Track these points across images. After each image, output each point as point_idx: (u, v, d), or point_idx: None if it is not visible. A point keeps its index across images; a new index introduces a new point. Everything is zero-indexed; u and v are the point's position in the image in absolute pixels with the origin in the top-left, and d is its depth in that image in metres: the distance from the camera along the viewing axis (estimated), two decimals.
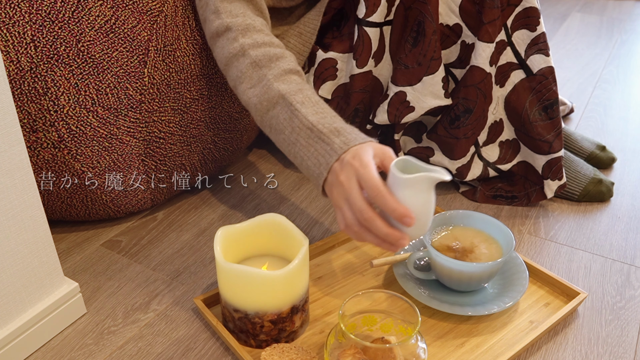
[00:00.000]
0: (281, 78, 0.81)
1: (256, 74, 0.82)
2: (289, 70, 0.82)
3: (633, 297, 0.87)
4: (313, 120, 0.76)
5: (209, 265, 0.93)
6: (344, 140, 0.73)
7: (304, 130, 0.76)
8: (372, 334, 0.73)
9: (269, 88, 0.80)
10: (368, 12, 0.95)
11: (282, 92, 0.79)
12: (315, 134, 0.75)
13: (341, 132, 0.74)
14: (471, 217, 0.86)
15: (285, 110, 0.78)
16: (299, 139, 0.77)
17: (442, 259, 0.78)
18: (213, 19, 0.86)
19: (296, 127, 0.77)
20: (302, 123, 0.76)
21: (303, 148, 0.76)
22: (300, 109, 0.77)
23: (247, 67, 0.82)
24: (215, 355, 0.78)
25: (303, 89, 0.80)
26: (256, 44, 0.83)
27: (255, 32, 0.84)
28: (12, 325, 0.75)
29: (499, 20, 0.94)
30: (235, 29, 0.84)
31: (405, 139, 1.09)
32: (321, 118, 0.76)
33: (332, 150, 0.73)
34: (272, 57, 0.82)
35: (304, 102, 0.78)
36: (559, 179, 1.02)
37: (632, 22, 1.94)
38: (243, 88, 0.83)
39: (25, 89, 0.83)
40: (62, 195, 0.92)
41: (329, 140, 0.74)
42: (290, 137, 0.78)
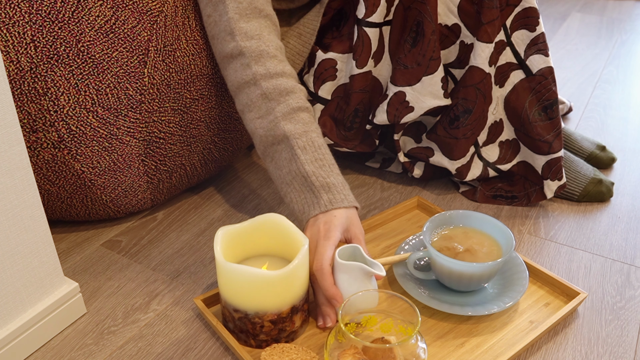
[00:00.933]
0: (289, 117, 0.84)
1: (265, 105, 0.85)
2: (297, 108, 0.85)
3: (633, 297, 0.87)
4: (309, 170, 0.81)
5: (209, 265, 0.93)
6: (330, 199, 0.80)
7: (299, 177, 0.82)
8: (372, 334, 0.73)
9: (275, 125, 0.84)
10: (368, 12, 0.95)
11: (286, 133, 0.83)
12: (308, 184, 0.81)
13: (331, 189, 0.81)
14: (471, 217, 0.86)
15: (287, 151, 0.83)
16: (293, 183, 0.83)
17: (442, 259, 0.78)
18: (228, 40, 0.86)
19: (293, 171, 0.83)
20: (299, 170, 0.82)
21: (295, 192, 0.83)
22: (300, 156, 0.82)
23: (257, 98, 0.85)
24: (215, 355, 0.78)
25: (308, 131, 0.84)
26: (268, 74, 0.85)
27: (268, 60, 0.86)
28: (12, 325, 0.75)
29: (498, 21, 0.94)
30: (249, 55, 0.85)
31: (405, 139, 1.09)
32: (317, 168, 0.82)
33: (317, 205, 0.80)
34: (283, 91, 0.85)
35: (305, 148, 0.83)
36: (558, 179, 1.02)
37: (632, 22, 1.94)
38: (251, 117, 0.86)
39: (25, 89, 0.83)
40: (62, 195, 0.92)
41: (318, 194, 0.81)
42: (287, 177, 0.84)
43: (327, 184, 0.81)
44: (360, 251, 0.78)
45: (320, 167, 0.82)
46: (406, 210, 1.03)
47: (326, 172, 0.82)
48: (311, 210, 0.80)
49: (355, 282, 0.76)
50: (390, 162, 1.15)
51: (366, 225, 0.97)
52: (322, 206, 0.80)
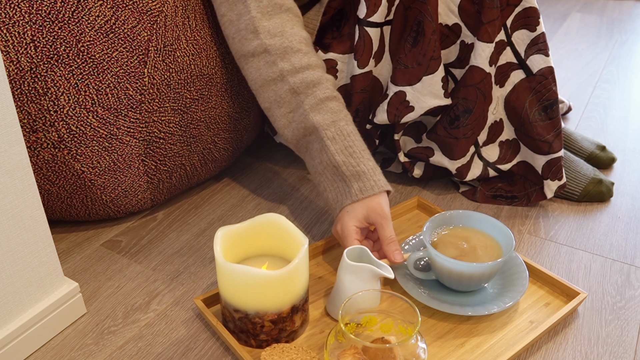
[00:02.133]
0: (317, 108, 0.86)
1: (295, 100, 0.87)
2: (325, 98, 0.87)
3: (633, 297, 0.87)
4: (339, 160, 0.84)
5: (209, 265, 0.93)
6: (360, 188, 0.83)
7: (330, 167, 0.85)
8: (372, 334, 0.73)
9: (305, 117, 0.86)
10: (369, 12, 0.95)
11: (315, 124, 0.86)
12: (339, 173, 0.85)
13: (361, 177, 0.83)
14: (471, 217, 0.86)
15: (317, 142, 0.86)
16: (325, 172, 0.86)
17: (442, 259, 0.78)
18: (251, 39, 0.87)
19: (324, 161, 0.86)
20: (330, 160, 0.85)
21: (328, 181, 0.86)
22: (330, 147, 0.85)
23: (286, 93, 0.88)
24: (215, 355, 0.78)
25: (336, 121, 0.86)
26: (294, 69, 0.87)
27: (293, 55, 0.87)
28: (12, 325, 0.75)
29: (499, 20, 0.94)
30: (274, 52, 0.87)
31: (405, 139, 1.09)
32: (347, 157, 0.84)
33: (348, 194, 0.84)
34: (310, 83, 0.87)
35: (335, 138, 0.85)
36: (558, 179, 1.01)
37: (632, 22, 1.94)
38: (282, 112, 0.89)
39: (25, 89, 0.83)
40: (62, 195, 0.92)
41: (349, 183, 0.84)
42: (319, 167, 0.87)
43: (357, 173, 0.83)
44: (367, 253, 0.79)
45: (350, 155, 0.84)
46: (406, 210, 1.03)
47: (356, 160, 0.84)
48: (344, 200, 0.84)
49: (361, 283, 0.76)
50: (390, 162, 1.15)
51: None
52: (354, 195, 0.83)
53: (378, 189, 0.83)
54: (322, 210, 1.06)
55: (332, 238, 0.94)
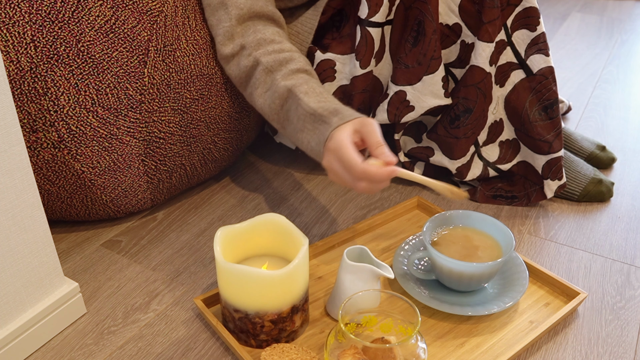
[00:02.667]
0: (288, 77, 0.87)
1: (269, 78, 0.88)
2: (296, 70, 0.88)
3: (633, 297, 0.87)
4: (315, 107, 0.82)
5: (209, 265, 0.93)
6: (340, 117, 0.80)
7: (308, 117, 0.83)
8: (372, 334, 0.73)
9: (277, 87, 0.86)
10: (371, 12, 0.95)
11: (288, 86, 0.85)
12: (317, 118, 0.82)
13: (339, 111, 0.81)
14: (471, 217, 0.86)
15: (291, 102, 0.85)
16: (305, 125, 0.83)
17: (442, 259, 0.78)
18: (227, 43, 0.91)
19: (301, 115, 0.83)
20: (306, 110, 0.83)
21: (309, 132, 0.83)
22: (303, 98, 0.83)
23: (261, 74, 0.89)
24: (215, 355, 0.78)
25: (309, 81, 0.86)
26: (267, 52, 0.89)
27: (267, 44, 0.90)
28: (12, 325, 0.75)
29: (499, 20, 0.94)
30: (249, 46, 0.90)
31: (405, 138, 1.09)
32: (323, 103, 0.83)
33: (329, 127, 0.80)
34: (282, 61, 0.88)
35: (308, 92, 0.84)
36: (558, 179, 1.01)
37: (632, 22, 1.94)
38: (259, 93, 0.90)
39: (25, 89, 0.83)
40: (62, 195, 0.92)
41: (328, 120, 0.80)
42: (298, 124, 0.84)
43: (334, 109, 0.81)
44: (368, 252, 0.78)
45: (325, 101, 0.83)
46: (406, 210, 1.03)
47: (331, 102, 0.83)
48: (324, 133, 0.80)
49: (361, 283, 0.76)
50: None
51: (366, 225, 0.97)
52: (335, 124, 0.79)
53: (358, 115, 0.80)
54: (322, 210, 1.06)
55: (332, 238, 0.94)
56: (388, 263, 0.90)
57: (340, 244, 0.95)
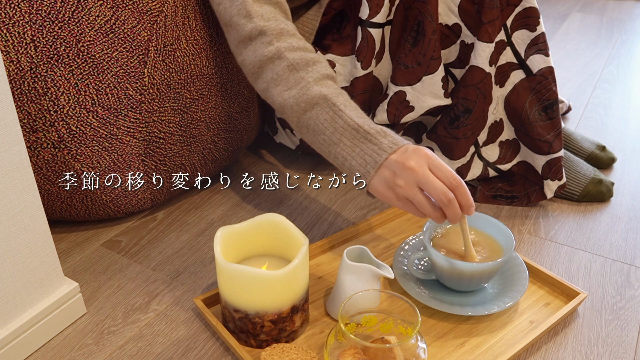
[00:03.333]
0: (320, 82, 0.81)
1: (293, 76, 0.82)
2: (326, 76, 0.83)
3: (633, 297, 0.87)
4: (359, 122, 0.77)
5: (209, 265, 0.93)
6: (392, 141, 0.75)
7: (349, 131, 0.77)
8: (372, 334, 0.73)
9: (308, 89, 0.80)
10: (372, 13, 0.95)
11: (323, 93, 0.80)
12: (361, 135, 0.77)
13: (387, 134, 0.76)
14: (471, 217, 0.86)
15: (326, 111, 0.79)
16: (342, 139, 0.78)
17: (442, 259, 0.78)
18: (244, 23, 0.84)
19: (339, 128, 0.78)
20: (347, 124, 0.77)
21: (347, 148, 0.78)
22: (345, 110, 0.78)
23: (284, 70, 0.82)
24: (215, 355, 0.78)
25: (342, 93, 0.81)
26: (292, 48, 0.83)
27: (289, 37, 0.84)
28: (12, 325, 0.75)
29: (499, 20, 0.94)
30: (270, 33, 0.83)
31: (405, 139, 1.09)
32: (364, 119, 0.78)
33: (380, 150, 0.75)
34: (309, 61, 0.83)
35: (346, 105, 0.79)
36: (558, 179, 1.02)
37: (632, 22, 1.94)
38: (279, 90, 0.83)
39: (25, 89, 0.83)
40: (62, 195, 0.92)
41: (376, 140, 0.76)
42: (332, 137, 0.79)
43: (382, 130, 0.77)
44: (368, 252, 0.78)
45: (366, 119, 0.78)
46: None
47: (373, 122, 0.79)
48: (375, 158, 0.75)
49: (361, 283, 0.76)
50: None
51: (366, 225, 0.97)
52: (387, 148, 0.75)
53: (408, 142, 0.76)
54: (322, 210, 1.06)
55: (332, 238, 0.94)
56: (388, 263, 0.90)
57: (340, 244, 0.95)
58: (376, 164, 0.75)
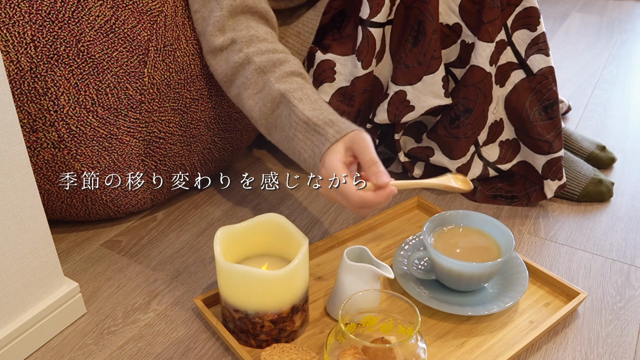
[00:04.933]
0: (283, 79, 0.82)
1: (261, 79, 0.83)
2: (291, 73, 0.84)
3: (633, 297, 0.87)
4: (309, 115, 0.78)
5: (209, 265, 0.93)
6: (337, 130, 0.76)
7: (301, 125, 0.79)
8: (372, 334, 0.73)
9: (270, 89, 0.82)
10: (372, 12, 0.95)
11: (282, 90, 0.81)
12: (311, 127, 0.78)
13: (335, 123, 0.77)
14: (471, 217, 0.86)
15: (285, 109, 0.81)
16: (296, 134, 0.79)
17: (442, 259, 0.78)
18: (217, 35, 0.87)
19: (294, 123, 0.79)
20: (299, 118, 0.79)
21: (300, 142, 0.79)
22: (298, 105, 0.79)
23: (252, 74, 0.84)
24: (215, 355, 0.78)
25: (303, 87, 0.82)
26: (260, 52, 0.85)
27: (259, 42, 0.86)
28: (12, 325, 0.75)
29: (499, 20, 0.94)
30: (240, 41, 0.85)
31: (405, 138, 1.09)
32: (317, 112, 0.79)
33: (325, 140, 0.76)
34: (276, 62, 0.84)
35: (302, 99, 0.80)
36: (558, 179, 1.01)
37: (632, 22, 1.94)
38: (249, 94, 0.85)
39: (25, 89, 0.83)
40: (62, 195, 0.92)
41: (323, 131, 0.77)
42: (289, 132, 0.80)
43: (329, 120, 0.77)
44: (368, 252, 0.78)
45: (319, 110, 0.79)
46: (406, 210, 1.03)
47: (326, 112, 0.79)
48: (322, 147, 0.76)
49: (361, 283, 0.76)
50: (391, 162, 1.15)
51: (366, 225, 0.97)
52: (331, 138, 0.76)
53: (354, 127, 0.77)
54: (322, 210, 1.06)
55: (332, 238, 0.94)
56: (388, 263, 0.90)
57: (340, 244, 0.95)
58: (320, 153, 0.76)
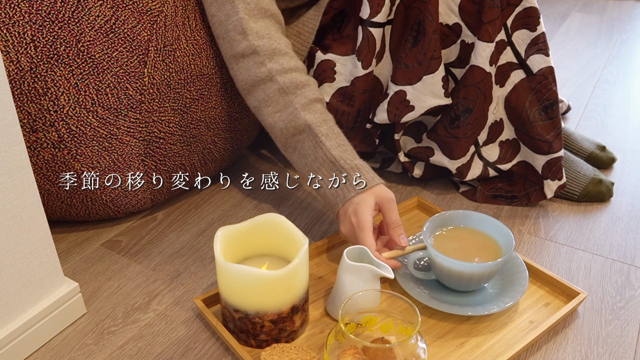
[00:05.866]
0: (307, 107, 0.88)
1: (283, 99, 0.88)
2: (314, 100, 0.89)
3: (633, 297, 0.87)
4: (336, 155, 0.85)
5: (209, 265, 0.93)
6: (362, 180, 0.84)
7: (327, 163, 0.86)
8: (372, 334, 0.73)
9: (296, 116, 0.87)
10: (372, 12, 0.95)
11: (308, 122, 0.87)
12: (337, 167, 0.85)
13: (361, 170, 0.85)
14: (471, 217, 0.86)
15: (310, 139, 0.87)
16: (321, 169, 0.86)
17: (442, 259, 0.78)
18: (239, 40, 0.89)
19: (319, 158, 0.86)
20: (326, 155, 0.86)
21: (324, 177, 0.86)
22: (325, 142, 0.86)
23: (275, 93, 0.89)
24: (215, 355, 0.78)
25: (327, 120, 0.88)
26: (283, 70, 0.89)
27: (281, 57, 0.89)
28: (12, 325, 0.75)
29: (499, 20, 0.94)
30: (263, 53, 0.89)
31: (405, 138, 1.09)
32: (343, 152, 0.86)
33: (351, 186, 0.84)
34: (299, 84, 0.89)
35: (328, 135, 0.86)
36: (558, 179, 1.01)
37: (632, 22, 1.94)
38: (269, 111, 0.90)
39: (25, 89, 0.83)
40: (62, 195, 0.92)
41: (349, 177, 0.84)
42: (313, 165, 0.87)
43: (355, 166, 0.85)
44: (368, 252, 0.78)
45: (345, 152, 0.86)
46: (406, 210, 1.03)
47: (351, 155, 0.86)
48: (347, 193, 0.84)
49: (361, 283, 0.76)
50: (390, 162, 1.15)
51: None
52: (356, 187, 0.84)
53: (378, 181, 0.85)
54: (322, 210, 1.06)
55: (332, 238, 0.94)
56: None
57: (340, 244, 0.95)
58: (344, 199, 0.84)
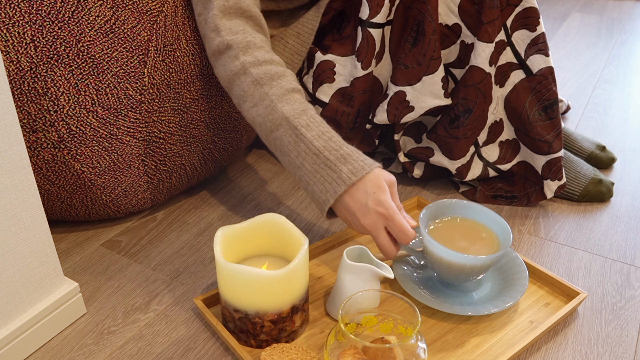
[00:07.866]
0: (284, 98, 0.81)
1: (258, 92, 0.83)
2: (291, 90, 0.83)
3: (633, 297, 0.87)
4: (319, 146, 0.78)
5: (209, 265, 0.93)
6: (351, 170, 0.76)
7: (310, 156, 0.78)
8: (372, 334, 0.73)
9: (272, 109, 0.81)
10: (372, 13, 0.95)
11: (285, 114, 0.80)
12: (321, 160, 0.78)
13: (347, 160, 0.77)
14: (470, 208, 0.85)
15: (289, 134, 0.80)
16: (304, 164, 0.79)
17: (435, 246, 0.77)
18: (213, 37, 0.86)
19: (302, 152, 0.79)
20: (308, 148, 0.78)
21: (308, 173, 0.79)
22: (306, 134, 0.79)
23: (249, 86, 0.83)
24: (215, 355, 0.78)
25: (306, 110, 0.81)
26: (257, 62, 0.84)
27: (255, 49, 0.85)
28: (12, 325, 0.75)
29: (499, 20, 0.94)
30: (236, 47, 0.85)
31: (405, 139, 1.09)
32: (326, 142, 0.78)
33: (339, 179, 0.76)
34: (274, 75, 0.83)
35: (309, 125, 0.79)
36: (558, 179, 1.02)
37: (632, 22, 1.94)
38: (247, 107, 0.84)
39: (25, 89, 0.83)
40: (62, 195, 0.92)
41: (335, 168, 0.77)
42: (296, 160, 0.80)
43: (341, 156, 0.77)
44: (367, 252, 0.78)
45: (329, 140, 0.79)
46: (406, 210, 1.03)
47: (336, 143, 0.78)
48: (335, 187, 0.77)
49: (361, 283, 0.76)
50: (390, 162, 1.15)
51: None
52: (346, 179, 0.76)
53: (369, 167, 0.77)
54: None
55: (333, 238, 0.94)
56: (388, 263, 0.90)
57: (340, 244, 0.95)
58: (335, 194, 0.77)
